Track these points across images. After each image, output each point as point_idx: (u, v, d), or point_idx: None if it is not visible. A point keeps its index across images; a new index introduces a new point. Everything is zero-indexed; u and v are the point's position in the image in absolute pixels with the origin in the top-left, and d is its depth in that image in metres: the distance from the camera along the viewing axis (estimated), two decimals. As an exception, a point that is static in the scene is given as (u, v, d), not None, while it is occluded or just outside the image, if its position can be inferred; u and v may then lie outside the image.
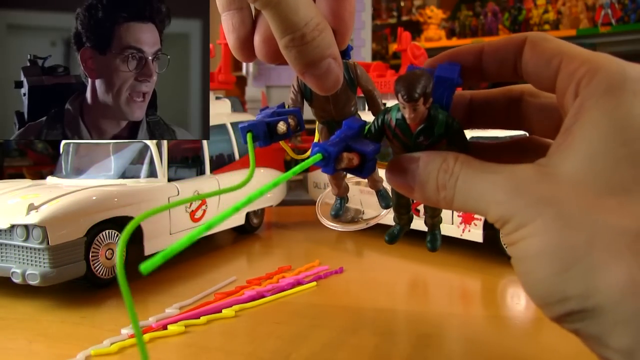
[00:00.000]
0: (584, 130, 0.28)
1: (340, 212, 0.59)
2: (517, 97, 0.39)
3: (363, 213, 0.60)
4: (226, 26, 0.36)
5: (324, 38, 0.32)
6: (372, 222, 0.58)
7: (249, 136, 0.38)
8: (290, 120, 0.45)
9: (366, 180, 0.49)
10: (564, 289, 0.27)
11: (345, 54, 0.49)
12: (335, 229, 0.58)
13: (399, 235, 0.51)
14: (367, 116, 0.44)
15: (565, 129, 0.30)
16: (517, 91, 0.39)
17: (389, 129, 0.40)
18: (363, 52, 1.46)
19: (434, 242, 0.52)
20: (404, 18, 3.65)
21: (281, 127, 0.43)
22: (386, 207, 0.56)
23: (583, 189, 0.28)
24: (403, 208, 0.49)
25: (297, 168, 0.33)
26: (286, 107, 0.46)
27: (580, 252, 0.26)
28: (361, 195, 0.60)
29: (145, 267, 0.24)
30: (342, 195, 0.58)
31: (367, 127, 0.40)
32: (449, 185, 0.32)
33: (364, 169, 0.38)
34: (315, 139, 0.50)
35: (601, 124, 0.28)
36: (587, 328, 0.27)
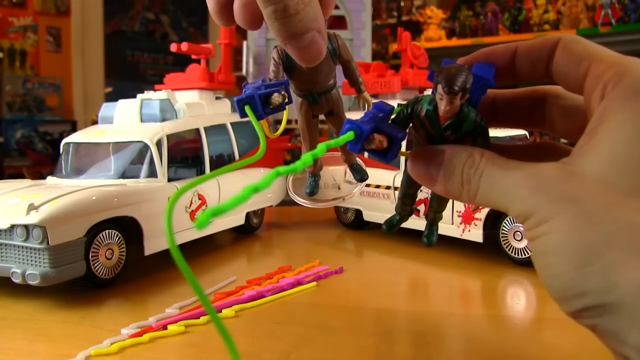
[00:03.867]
0: (608, 132, 0.29)
1: (315, 190, 0.58)
2: (541, 98, 0.40)
3: (339, 189, 0.58)
4: None
5: (309, 12, 0.31)
6: (348, 198, 0.55)
7: (247, 108, 0.37)
8: (283, 92, 0.44)
9: (340, 154, 0.48)
10: (583, 284, 0.27)
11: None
12: (308, 205, 0.55)
13: (397, 225, 0.52)
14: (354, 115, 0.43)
15: (590, 130, 0.30)
16: (541, 92, 0.40)
17: (417, 119, 0.40)
18: (363, 52, 1.46)
19: (431, 236, 0.52)
20: (404, 18, 3.65)
21: (276, 98, 0.43)
22: (361, 179, 0.55)
23: (605, 189, 0.28)
24: (409, 199, 0.49)
25: (331, 142, 0.32)
26: (268, 80, 0.45)
27: (600, 248, 0.27)
28: (334, 172, 0.59)
29: (199, 223, 0.24)
30: (316, 172, 0.58)
31: (395, 112, 0.40)
32: (473, 180, 0.33)
33: (389, 153, 0.38)
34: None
35: (626, 126, 0.29)
36: (605, 324, 0.27)
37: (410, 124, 0.41)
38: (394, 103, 0.49)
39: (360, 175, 0.56)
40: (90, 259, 0.71)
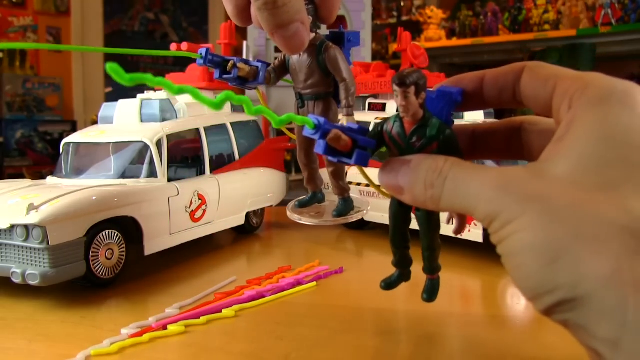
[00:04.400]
0: (575, 136, 0.30)
1: (306, 201, 0.60)
2: (517, 127, 0.42)
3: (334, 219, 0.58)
4: None
5: (294, 5, 0.34)
6: (332, 223, 0.58)
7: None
8: (240, 65, 0.52)
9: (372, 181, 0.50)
10: (553, 279, 0.28)
11: (341, 42, 0.55)
12: (299, 221, 0.57)
13: (396, 282, 0.55)
14: (366, 116, 0.45)
15: (558, 138, 0.31)
16: (518, 121, 0.42)
17: (388, 135, 0.43)
18: (363, 52, 1.46)
19: (431, 292, 0.55)
20: (404, 18, 3.65)
21: (229, 65, 0.51)
22: (337, 215, 0.57)
23: (572, 186, 0.29)
24: (399, 237, 0.51)
25: (284, 117, 0.34)
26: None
27: (567, 243, 0.27)
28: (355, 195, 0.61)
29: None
30: (314, 189, 0.60)
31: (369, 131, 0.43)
32: (437, 183, 0.34)
33: (353, 155, 0.39)
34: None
35: (592, 130, 0.30)
36: (576, 318, 0.27)
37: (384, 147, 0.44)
38: (394, 103, 0.51)
39: (338, 212, 0.57)
40: (90, 259, 0.71)
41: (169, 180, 0.86)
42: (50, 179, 0.87)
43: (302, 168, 0.60)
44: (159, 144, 0.85)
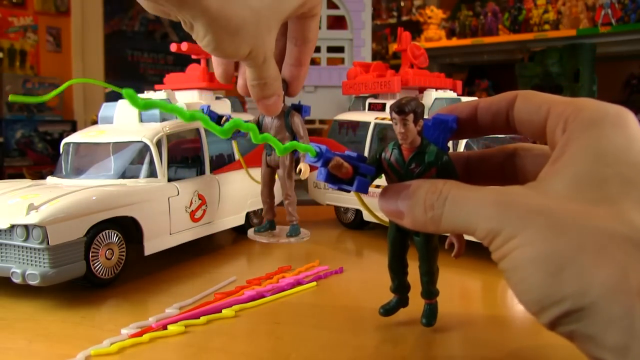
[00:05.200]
0: (571, 157, 0.31)
1: (261, 229, 0.86)
2: (511, 153, 0.43)
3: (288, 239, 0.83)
4: (216, 61, 0.50)
5: (276, 85, 0.43)
6: (284, 241, 0.81)
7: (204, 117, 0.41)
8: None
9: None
10: (559, 290, 0.28)
11: (300, 111, 0.78)
12: (259, 240, 0.84)
13: (394, 309, 0.58)
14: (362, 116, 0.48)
15: (554, 159, 0.32)
16: (512, 148, 0.43)
17: (386, 162, 0.45)
18: (363, 52, 1.46)
19: (430, 317, 0.57)
20: (404, 18, 3.65)
21: (223, 120, 0.78)
22: (289, 236, 0.82)
23: (572, 201, 0.30)
24: (397, 263, 0.55)
25: (288, 145, 0.38)
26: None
27: (572, 254, 0.28)
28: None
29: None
30: (270, 219, 0.84)
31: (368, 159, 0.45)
32: (437, 204, 0.35)
33: (354, 182, 0.41)
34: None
35: (587, 150, 0.31)
36: (583, 328, 0.28)
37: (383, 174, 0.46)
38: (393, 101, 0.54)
39: (290, 233, 0.83)
40: (90, 259, 0.71)
41: (169, 180, 0.86)
42: (50, 179, 0.87)
43: (263, 202, 0.85)
44: (159, 144, 0.85)
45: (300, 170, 0.81)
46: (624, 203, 0.29)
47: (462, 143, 0.89)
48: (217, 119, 0.80)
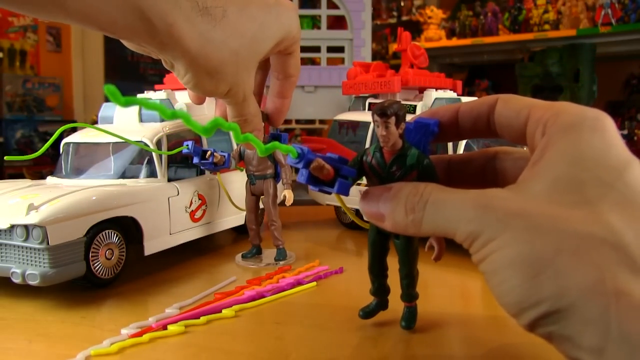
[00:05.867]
0: (550, 160, 0.32)
1: (248, 255, 0.87)
2: (492, 156, 0.44)
3: (275, 263, 0.85)
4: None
5: (257, 121, 0.46)
6: (264, 265, 0.84)
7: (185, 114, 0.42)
8: (216, 154, 0.85)
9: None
10: (538, 292, 0.28)
11: (280, 139, 0.75)
12: (246, 265, 0.85)
13: (374, 311, 0.58)
14: (360, 116, 0.49)
15: (534, 162, 0.33)
16: (492, 151, 0.44)
17: (367, 164, 0.46)
18: (363, 52, 1.46)
19: (409, 320, 0.57)
20: (404, 18, 3.65)
21: (217, 157, 0.85)
22: (277, 260, 0.85)
23: (551, 204, 0.30)
24: (376, 266, 0.55)
25: (269, 145, 0.37)
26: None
27: (550, 256, 0.28)
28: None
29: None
30: (255, 244, 0.88)
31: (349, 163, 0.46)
32: (418, 207, 0.35)
33: (335, 184, 0.41)
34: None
35: (566, 153, 0.32)
36: (560, 330, 0.28)
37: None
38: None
39: (277, 257, 0.85)
40: (90, 259, 0.71)
41: (169, 180, 0.86)
42: (50, 179, 0.87)
43: (248, 228, 0.88)
44: (159, 144, 0.85)
45: (285, 197, 0.85)
46: (601, 205, 0.30)
47: (462, 143, 0.89)
48: (202, 153, 0.84)
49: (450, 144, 0.90)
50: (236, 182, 0.97)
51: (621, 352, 0.26)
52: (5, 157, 0.41)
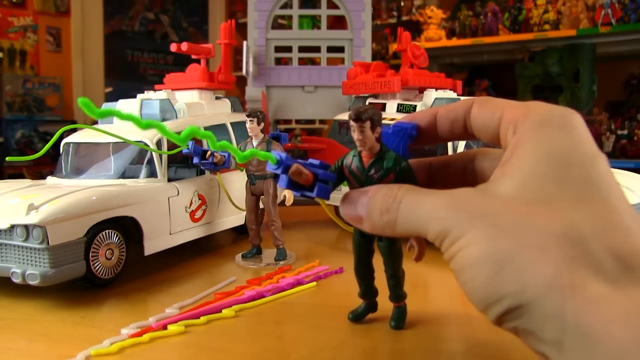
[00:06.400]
0: (519, 158, 0.33)
1: (248, 255, 0.87)
2: (472, 158, 0.45)
3: (275, 263, 0.85)
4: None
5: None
6: (264, 265, 0.84)
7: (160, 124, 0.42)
8: (216, 154, 0.85)
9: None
10: (501, 289, 0.29)
11: (279, 140, 0.84)
12: (246, 265, 0.85)
13: (362, 315, 0.59)
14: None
15: (504, 161, 0.34)
16: (471, 153, 0.45)
17: (347, 169, 0.47)
18: (363, 52, 1.46)
19: (399, 320, 0.58)
20: (404, 18, 3.65)
21: (217, 157, 0.85)
22: (277, 260, 0.85)
23: (516, 202, 0.32)
24: (362, 268, 0.57)
25: (247, 153, 0.39)
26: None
27: (511, 253, 0.29)
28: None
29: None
30: (256, 244, 0.88)
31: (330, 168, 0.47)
32: (392, 208, 0.36)
33: (315, 187, 0.42)
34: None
35: (534, 152, 0.33)
36: (524, 324, 0.29)
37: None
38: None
39: (277, 257, 0.85)
40: (90, 259, 0.71)
41: (169, 180, 0.86)
42: (50, 179, 0.87)
43: (248, 228, 0.88)
44: (159, 144, 0.85)
45: (285, 197, 0.85)
46: (562, 202, 0.31)
47: (462, 144, 0.89)
48: (202, 153, 0.84)
49: (450, 145, 0.90)
50: (236, 182, 0.97)
51: (577, 344, 0.27)
52: (7, 158, 0.41)
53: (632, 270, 0.28)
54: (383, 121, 0.46)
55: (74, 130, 0.89)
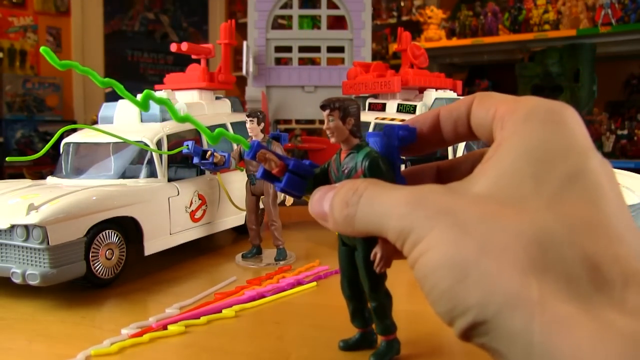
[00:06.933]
0: (500, 155, 0.30)
1: (248, 255, 0.87)
2: (478, 158, 0.41)
3: (275, 263, 0.85)
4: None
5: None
6: (265, 265, 0.84)
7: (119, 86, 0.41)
8: (216, 154, 0.84)
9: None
10: (464, 299, 0.26)
11: (279, 140, 0.83)
12: (247, 265, 0.85)
13: (354, 346, 0.51)
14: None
15: (486, 159, 0.31)
16: (478, 153, 0.42)
17: (329, 167, 0.44)
18: (363, 52, 1.46)
19: (380, 356, 0.48)
20: (404, 18, 3.65)
21: (217, 156, 0.84)
22: (277, 260, 0.85)
23: (483, 201, 0.28)
24: (344, 281, 0.49)
25: (215, 133, 0.38)
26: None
27: (475, 257, 0.26)
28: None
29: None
30: (256, 244, 0.88)
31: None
32: (351, 201, 0.33)
33: (282, 178, 0.42)
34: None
35: (514, 148, 0.30)
36: (490, 342, 0.26)
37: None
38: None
39: (277, 258, 0.86)
40: (90, 259, 0.71)
41: (169, 180, 0.86)
42: (50, 179, 0.87)
43: (248, 228, 0.88)
44: (159, 144, 0.85)
45: (285, 197, 0.86)
46: (534, 202, 0.27)
47: (462, 145, 0.89)
48: (202, 153, 0.84)
49: (450, 147, 0.90)
50: (236, 182, 0.97)
51: None
52: (7, 158, 0.41)
53: (606, 284, 0.25)
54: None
55: (74, 130, 0.89)
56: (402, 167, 0.46)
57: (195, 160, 0.86)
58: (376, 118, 1.04)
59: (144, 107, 0.35)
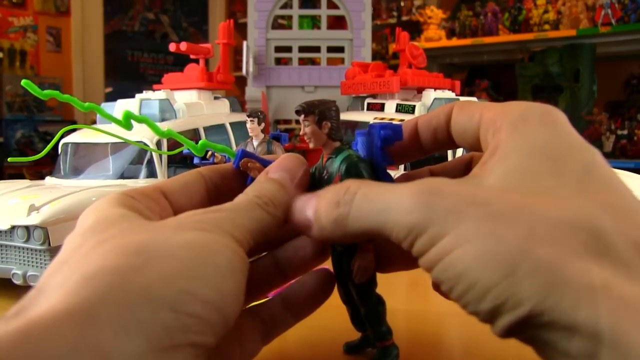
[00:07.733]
0: (501, 155, 0.29)
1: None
2: (469, 160, 0.41)
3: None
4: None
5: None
6: None
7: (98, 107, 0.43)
8: (216, 154, 0.80)
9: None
10: (516, 292, 0.24)
11: (280, 140, 0.82)
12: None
13: (355, 348, 0.50)
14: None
15: (483, 162, 0.30)
16: (467, 157, 0.41)
17: (315, 173, 0.41)
18: (363, 52, 1.46)
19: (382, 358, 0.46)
20: (404, 18, 3.65)
21: (208, 154, 0.79)
22: None
23: (508, 191, 0.27)
24: (339, 285, 0.47)
25: (199, 145, 0.39)
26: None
27: (524, 247, 0.24)
28: None
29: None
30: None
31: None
32: (344, 200, 0.29)
33: None
34: None
35: (516, 148, 0.29)
36: (544, 334, 0.24)
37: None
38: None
39: None
40: (90, 259, 0.71)
41: (169, 180, 0.86)
42: (49, 180, 0.87)
43: None
44: (158, 144, 0.85)
45: None
46: (560, 193, 0.26)
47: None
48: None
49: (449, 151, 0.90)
50: (236, 182, 0.97)
51: (616, 356, 0.22)
52: (8, 159, 0.41)
53: None
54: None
55: (74, 130, 0.89)
56: (402, 168, 0.45)
57: (195, 160, 0.86)
58: (375, 118, 1.04)
59: (126, 126, 0.35)
